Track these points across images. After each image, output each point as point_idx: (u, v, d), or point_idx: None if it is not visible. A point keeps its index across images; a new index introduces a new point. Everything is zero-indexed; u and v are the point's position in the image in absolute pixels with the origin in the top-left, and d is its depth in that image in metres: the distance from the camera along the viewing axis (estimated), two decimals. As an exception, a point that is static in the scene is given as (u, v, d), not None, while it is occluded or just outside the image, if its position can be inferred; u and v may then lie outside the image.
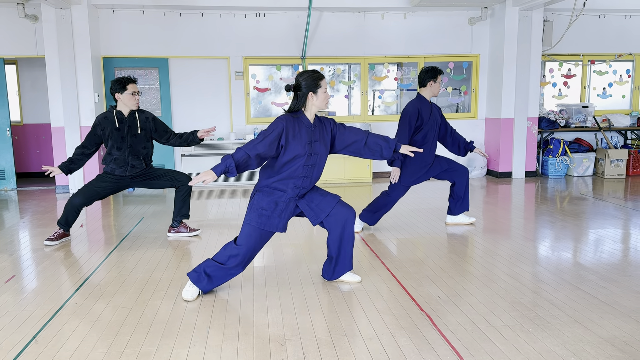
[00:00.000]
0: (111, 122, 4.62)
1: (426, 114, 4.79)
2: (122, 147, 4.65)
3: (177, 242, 4.80)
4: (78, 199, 4.68)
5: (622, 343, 2.67)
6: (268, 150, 3.19)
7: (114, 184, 4.75)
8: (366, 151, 3.55)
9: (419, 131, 4.79)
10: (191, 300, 3.34)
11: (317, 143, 3.35)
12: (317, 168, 3.40)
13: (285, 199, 3.35)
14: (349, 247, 3.54)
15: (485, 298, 3.31)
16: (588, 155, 8.44)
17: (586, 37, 8.74)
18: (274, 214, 3.33)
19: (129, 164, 4.69)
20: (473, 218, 5.31)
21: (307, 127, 3.32)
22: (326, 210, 3.40)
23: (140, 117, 4.70)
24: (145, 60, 8.02)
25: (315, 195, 3.46)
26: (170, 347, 2.70)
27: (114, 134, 4.61)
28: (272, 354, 2.61)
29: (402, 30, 8.39)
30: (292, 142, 3.24)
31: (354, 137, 3.51)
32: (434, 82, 4.78)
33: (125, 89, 4.57)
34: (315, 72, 3.32)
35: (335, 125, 3.50)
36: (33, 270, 4.03)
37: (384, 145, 3.55)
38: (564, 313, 3.06)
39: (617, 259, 4.09)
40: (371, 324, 2.96)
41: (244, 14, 8.02)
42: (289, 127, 3.25)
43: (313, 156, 3.34)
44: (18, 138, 9.05)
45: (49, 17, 7.23)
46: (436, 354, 2.59)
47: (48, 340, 2.81)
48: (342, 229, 3.45)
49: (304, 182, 3.37)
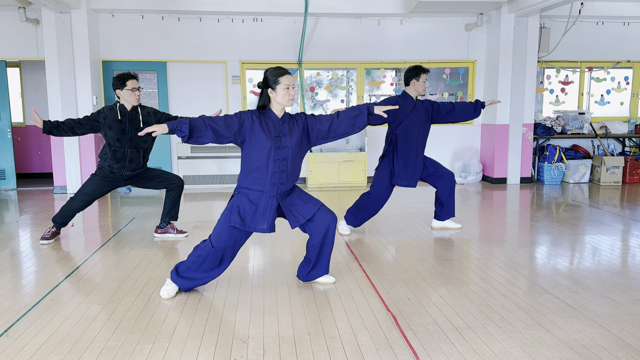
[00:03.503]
0: (114, 114, 4.68)
1: (406, 109, 4.80)
2: (122, 139, 4.69)
3: (163, 243, 4.87)
4: (77, 204, 4.77)
5: (580, 346, 2.69)
6: (224, 128, 3.22)
7: (109, 184, 4.81)
8: (342, 127, 3.45)
9: (399, 125, 4.82)
10: (167, 298, 3.40)
11: (285, 137, 3.36)
12: (292, 162, 3.39)
13: (265, 198, 3.37)
14: (327, 253, 3.56)
15: (453, 300, 3.34)
16: (584, 162, 8.41)
17: (584, 44, 8.73)
18: (256, 215, 3.36)
19: (127, 157, 4.73)
20: (459, 225, 5.31)
21: (275, 122, 3.36)
22: (306, 216, 3.42)
23: (143, 112, 4.76)
24: (143, 63, 8.14)
25: (297, 201, 3.48)
26: (135, 343, 2.77)
27: (116, 126, 4.65)
28: (232, 351, 2.67)
29: (398, 35, 8.44)
30: (258, 132, 3.28)
31: (327, 121, 3.46)
32: (416, 81, 4.80)
33: (125, 85, 4.62)
34: (278, 69, 3.31)
35: (307, 117, 3.49)
36: (20, 267, 4.12)
37: (356, 113, 3.46)
38: (528, 316, 3.08)
39: (595, 265, 4.09)
40: (336, 323, 3.00)
41: (241, 19, 8.12)
42: (255, 118, 3.30)
43: (283, 150, 3.35)
44: (20, 139, 9.22)
45: (49, 20, 7.38)
46: (393, 353, 2.62)
47: (19, 333, 2.88)
48: (323, 235, 3.47)
49: (280, 177, 3.37)
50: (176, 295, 3.45)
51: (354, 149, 8.60)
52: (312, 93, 8.66)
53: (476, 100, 4.90)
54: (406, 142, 4.85)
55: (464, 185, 8.32)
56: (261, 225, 3.38)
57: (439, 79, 8.71)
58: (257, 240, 4.84)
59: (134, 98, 4.65)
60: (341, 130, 3.46)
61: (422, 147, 4.94)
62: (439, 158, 8.63)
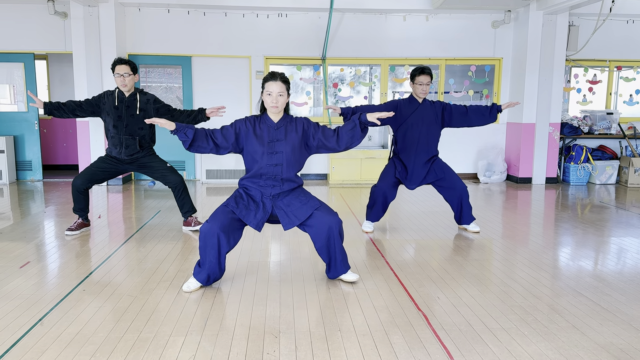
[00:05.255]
0: (113, 99, 4.73)
1: (407, 111, 4.79)
2: (118, 125, 4.73)
3: (189, 236, 4.90)
4: (78, 180, 4.80)
5: (618, 350, 2.63)
6: (222, 139, 3.41)
7: (111, 166, 4.85)
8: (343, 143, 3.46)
9: (399, 127, 4.82)
10: (187, 291, 3.41)
11: (280, 142, 3.41)
12: (286, 167, 3.43)
13: (261, 197, 3.45)
14: (337, 253, 3.49)
15: (485, 301, 3.30)
16: (612, 163, 8.26)
17: (613, 43, 8.56)
18: (249, 209, 3.40)
19: (123, 143, 4.75)
20: (478, 228, 5.13)
21: (270, 127, 3.42)
22: (300, 218, 3.39)
23: (142, 99, 4.77)
24: (169, 58, 8.19)
25: (295, 202, 3.45)
26: (168, 335, 2.78)
27: (112, 112, 4.71)
28: (265, 345, 2.67)
29: (423, 32, 8.37)
30: (251, 139, 3.40)
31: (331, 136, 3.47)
32: (412, 83, 4.80)
33: (114, 70, 4.68)
34: (268, 74, 3.37)
35: (310, 125, 3.50)
36: (48, 257, 4.18)
37: (351, 126, 3.42)
38: (562, 318, 3.03)
39: (628, 268, 4.02)
40: (366, 320, 2.98)
41: (266, 14, 8.12)
42: (249, 125, 3.42)
43: (276, 155, 3.40)
44: (46, 131, 9.34)
45: (77, 14, 7.45)
46: (427, 353, 2.60)
47: (53, 322, 2.92)
48: (326, 239, 3.42)
49: (274, 182, 3.44)
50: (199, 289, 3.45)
51: (376, 145, 8.55)
52: (335, 89, 8.63)
53: (492, 104, 4.82)
54: (404, 144, 4.84)
55: (488, 185, 8.23)
56: (251, 219, 3.38)
57: (465, 76, 8.62)
58: (281, 235, 4.84)
59: (120, 82, 4.67)
60: (343, 146, 3.49)
61: (424, 150, 4.82)
62: (463, 156, 8.58)
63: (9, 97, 8.32)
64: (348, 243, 4.50)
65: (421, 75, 4.72)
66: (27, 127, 8.14)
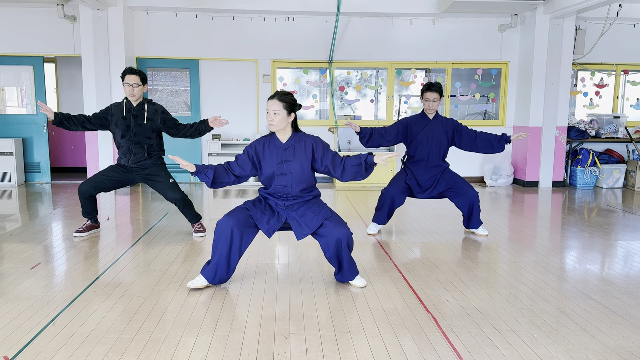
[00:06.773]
0: (120, 110, 4.78)
1: (416, 128, 4.88)
2: (127, 135, 4.78)
3: (200, 238, 4.92)
4: (84, 186, 4.83)
5: (628, 353, 2.64)
6: (240, 169, 3.55)
7: (119, 175, 4.87)
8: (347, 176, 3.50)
9: (410, 144, 4.94)
10: (190, 287, 3.46)
11: (288, 163, 3.47)
12: (296, 186, 3.49)
13: (276, 206, 3.54)
14: (346, 261, 3.52)
15: (494, 303, 3.31)
16: (618, 166, 8.25)
17: (620, 46, 8.56)
18: (265, 212, 3.50)
19: (132, 151, 4.80)
20: (486, 232, 5.14)
21: (278, 148, 3.49)
22: (312, 228, 3.43)
23: (149, 109, 4.81)
24: (176, 61, 8.24)
25: (308, 212, 3.50)
26: (179, 335, 2.80)
27: (121, 122, 4.77)
28: (275, 346, 2.68)
29: (430, 35, 8.39)
30: (263, 162, 3.52)
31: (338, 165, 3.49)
32: (422, 99, 4.89)
33: (123, 79, 4.73)
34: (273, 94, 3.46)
35: (320, 147, 3.51)
36: (59, 259, 4.21)
37: (357, 162, 3.44)
38: (572, 321, 3.03)
39: (635, 272, 4.01)
40: (376, 322, 3.00)
41: (273, 17, 8.16)
42: (259, 149, 3.52)
43: (284, 176, 3.47)
44: (54, 134, 9.41)
45: (86, 17, 7.52)
46: (437, 355, 2.61)
47: (65, 323, 2.94)
48: (335, 250, 3.45)
49: (287, 197, 3.53)
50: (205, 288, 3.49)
51: (384, 150, 8.56)
52: (341, 92, 8.66)
53: (502, 134, 4.87)
54: (415, 159, 4.94)
55: (495, 188, 8.23)
56: (263, 224, 3.46)
57: (471, 79, 8.63)
58: (288, 238, 4.86)
59: (128, 92, 4.72)
60: (346, 179, 3.52)
61: (435, 165, 4.89)
62: (469, 160, 8.57)
63: (18, 100, 8.40)
64: (356, 246, 4.51)
65: (428, 92, 4.79)
66: (36, 129, 8.20)
